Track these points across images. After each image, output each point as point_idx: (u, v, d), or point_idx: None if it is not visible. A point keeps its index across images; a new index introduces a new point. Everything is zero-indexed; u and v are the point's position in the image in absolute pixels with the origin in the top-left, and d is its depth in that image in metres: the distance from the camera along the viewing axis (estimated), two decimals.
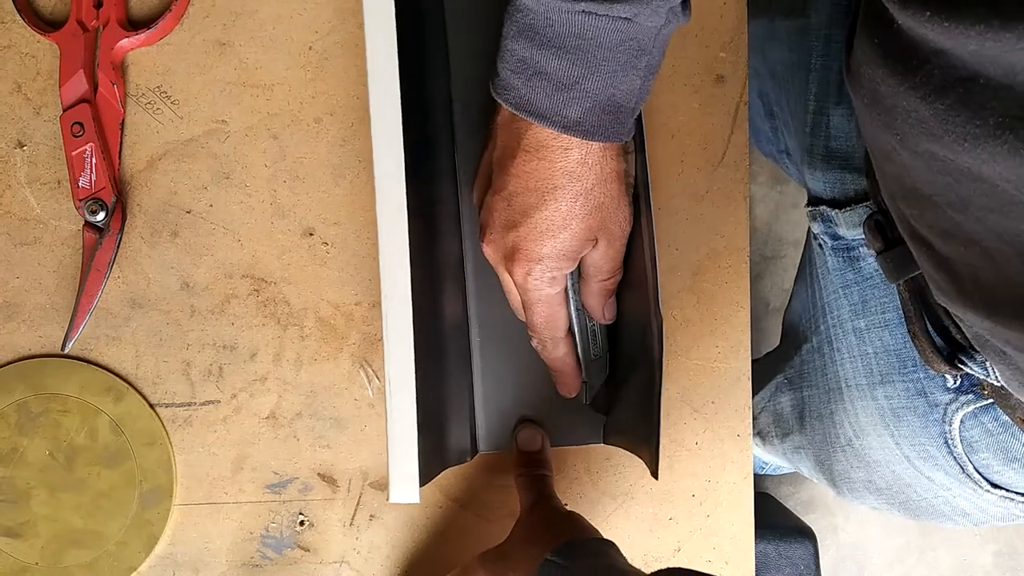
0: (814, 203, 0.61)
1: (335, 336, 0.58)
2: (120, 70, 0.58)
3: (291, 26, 0.58)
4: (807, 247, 0.68)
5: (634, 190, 0.51)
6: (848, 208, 0.56)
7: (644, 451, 0.52)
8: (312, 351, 0.58)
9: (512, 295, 0.53)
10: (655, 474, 0.50)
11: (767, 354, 0.79)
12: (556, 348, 0.53)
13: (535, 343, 0.54)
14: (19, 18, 0.57)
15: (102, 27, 0.57)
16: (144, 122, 0.58)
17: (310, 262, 0.58)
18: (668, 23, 0.45)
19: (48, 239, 0.58)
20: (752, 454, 0.60)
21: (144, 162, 0.58)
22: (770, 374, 0.76)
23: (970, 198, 0.36)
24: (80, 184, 0.57)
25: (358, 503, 0.59)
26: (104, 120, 0.57)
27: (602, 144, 0.47)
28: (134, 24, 0.58)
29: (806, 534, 0.99)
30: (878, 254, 0.52)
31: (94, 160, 0.57)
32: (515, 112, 0.46)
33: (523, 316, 0.53)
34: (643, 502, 0.60)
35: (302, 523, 0.59)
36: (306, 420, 0.58)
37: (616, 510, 0.60)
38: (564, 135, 0.46)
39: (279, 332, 0.58)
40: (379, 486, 0.59)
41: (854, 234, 0.57)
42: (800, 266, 0.72)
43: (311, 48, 0.58)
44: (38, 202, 0.58)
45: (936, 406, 0.54)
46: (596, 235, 0.49)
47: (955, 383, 0.53)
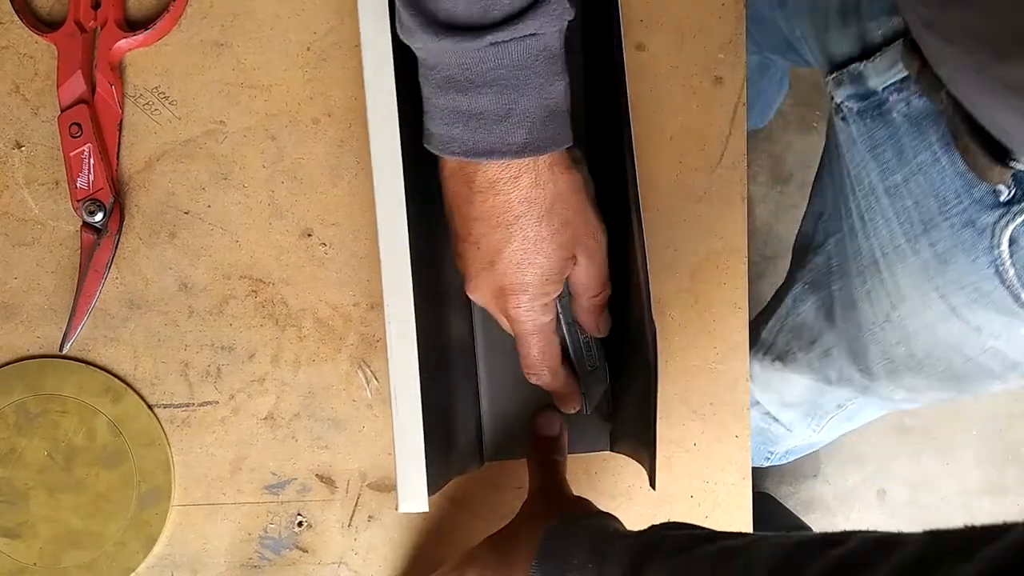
0: (840, 67, 0.61)
1: (333, 337, 0.58)
2: (118, 71, 0.58)
3: (289, 27, 0.58)
4: (828, 140, 0.69)
5: (624, 198, 0.51)
6: (878, 54, 0.57)
7: (644, 460, 0.52)
8: (310, 352, 0.58)
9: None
10: (652, 484, 0.49)
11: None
12: (555, 378, 0.54)
13: (533, 379, 0.54)
14: (17, 19, 0.57)
15: (100, 28, 0.57)
16: (142, 123, 0.58)
17: (308, 263, 0.58)
18: (565, 20, 0.46)
19: (46, 240, 0.58)
20: (749, 453, 0.60)
21: (142, 163, 0.58)
22: (780, 296, 0.76)
23: None
24: (78, 185, 0.57)
25: (356, 504, 0.59)
26: (102, 121, 0.57)
27: (549, 161, 0.48)
28: (132, 25, 0.58)
29: None
30: (918, 73, 0.52)
31: (92, 161, 0.57)
32: (464, 159, 0.47)
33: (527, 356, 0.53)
34: (642, 503, 0.60)
35: (300, 524, 0.59)
36: (304, 421, 0.58)
37: (615, 511, 0.60)
38: (512, 163, 0.47)
39: (277, 333, 0.58)
40: (377, 487, 0.59)
41: (885, 80, 0.57)
42: (819, 169, 0.72)
43: (309, 49, 0.58)
44: (36, 203, 0.58)
45: (983, 231, 0.54)
46: (572, 251, 0.50)
47: (1008, 194, 0.53)
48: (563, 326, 0.54)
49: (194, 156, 0.58)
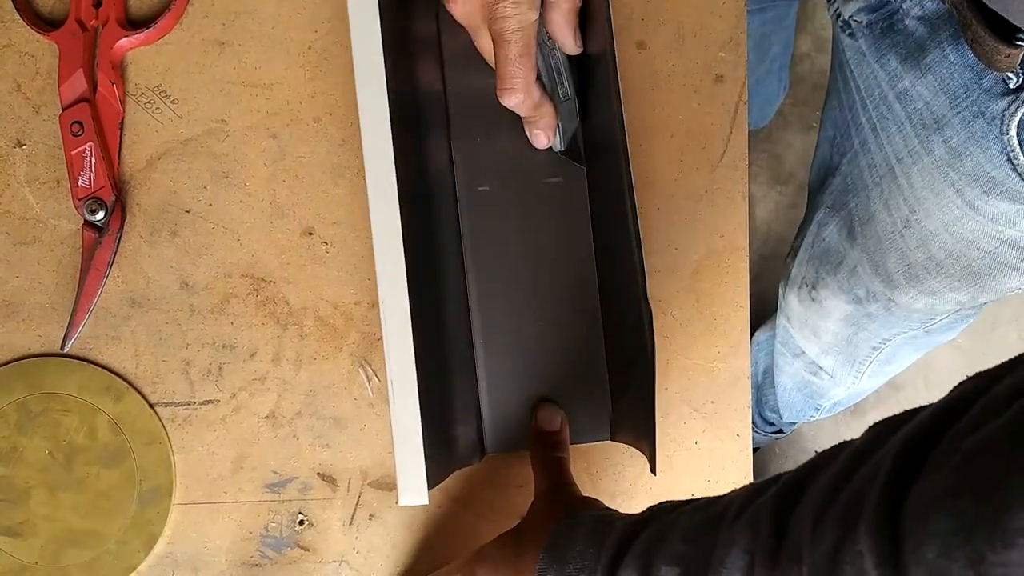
0: None
1: (334, 335, 0.58)
2: (119, 69, 0.58)
3: (290, 25, 0.58)
4: (833, 60, 0.70)
5: (619, 192, 0.51)
6: None
7: (644, 447, 0.52)
8: (311, 350, 0.58)
9: (491, 52, 0.53)
10: (653, 470, 0.50)
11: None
12: (529, 94, 0.52)
13: (508, 97, 0.52)
14: (18, 17, 0.57)
15: (101, 26, 0.57)
16: (143, 121, 0.58)
17: (309, 261, 0.58)
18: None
19: (47, 238, 0.58)
20: (750, 452, 0.60)
21: (143, 161, 0.58)
22: (803, 228, 0.77)
23: None
24: (79, 183, 0.57)
25: (357, 502, 0.59)
26: (103, 119, 0.57)
27: None
28: (133, 23, 0.58)
29: None
30: None
31: (93, 159, 0.57)
32: None
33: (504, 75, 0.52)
34: (643, 502, 0.60)
35: (301, 522, 0.59)
36: (305, 419, 0.58)
37: (616, 509, 0.60)
38: None
39: (278, 331, 0.58)
40: (379, 485, 0.59)
41: None
42: (828, 91, 0.72)
43: (310, 47, 0.58)
44: (37, 201, 0.58)
45: (993, 119, 0.55)
46: None
47: (1017, 81, 0.53)
48: (536, 49, 0.52)
49: (195, 155, 0.58)
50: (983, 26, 0.51)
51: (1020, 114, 0.53)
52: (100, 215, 0.57)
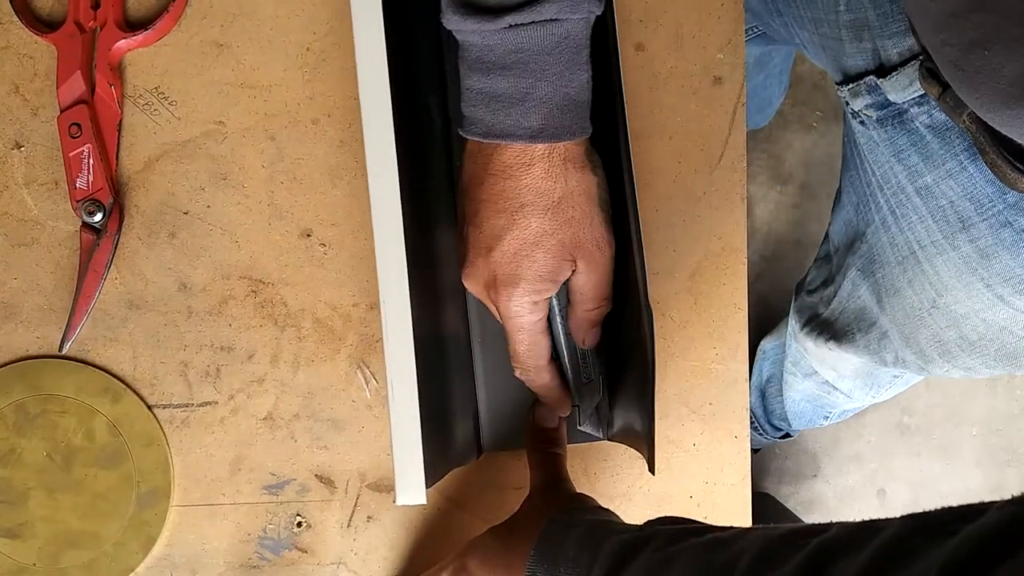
0: (855, 79, 0.61)
1: (333, 337, 0.58)
2: (117, 71, 0.58)
3: (289, 27, 0.58)
4: (845, 136, 0.69)
5: (619, 182, 0.51)
6: (895, 72, 0.57)
7: (642, 447, 0.52)
8: (310, 352, 0.58)
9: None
10: (652, 470, 0.50)
11: (811, 267, 0.82)
12: (540, 376, 0.54)
13: (519, 373, 0.54)
14: (16, 19, 0.57)
15: (99, 28, 0.57)
16: (141, 123, 0.58)
17: (308, 263, 0.58)
18: (590, 11, 0.46)
19: (45, 240, 0.58)
20: (748, 454, 0.60)
21: (141, 163, 0.58)
22: (835, 276, 0.77)
23: None
24: (77, 185, 0.57)
25: (355, 504, 0.59)
26: (101, 121, 0.57)
27: (564, 156, 0.48)
28: (131, 25, 0.58)
29: None
30: (938, 99, 0.53)
31: (91, 161, 0.57)
32: (482, 140, 0.48)
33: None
34: (641, 503, 0.60)
35: (299, 524, 0.59)
36: (304, 421, 0.58)
37: (614, 511, 0.60)
38: (528, 150, 0.47)
39: (277, 333, 0.58)
40: (377, 487, 0.59)
41: (904, 96, 0.57)
42: (843, 160, 0.72)
43: (309, 49, 0.58)
44: (35, 203, 0.58)
45: (1022, 231, 0.55)
46: (572, 254, 0.50)
47: None
48: (561, 333, 0.54)
49: (194, 156, 0.58)
50: (1001, 156, 0.50)
51: None
52: (98, 217, 0.57)
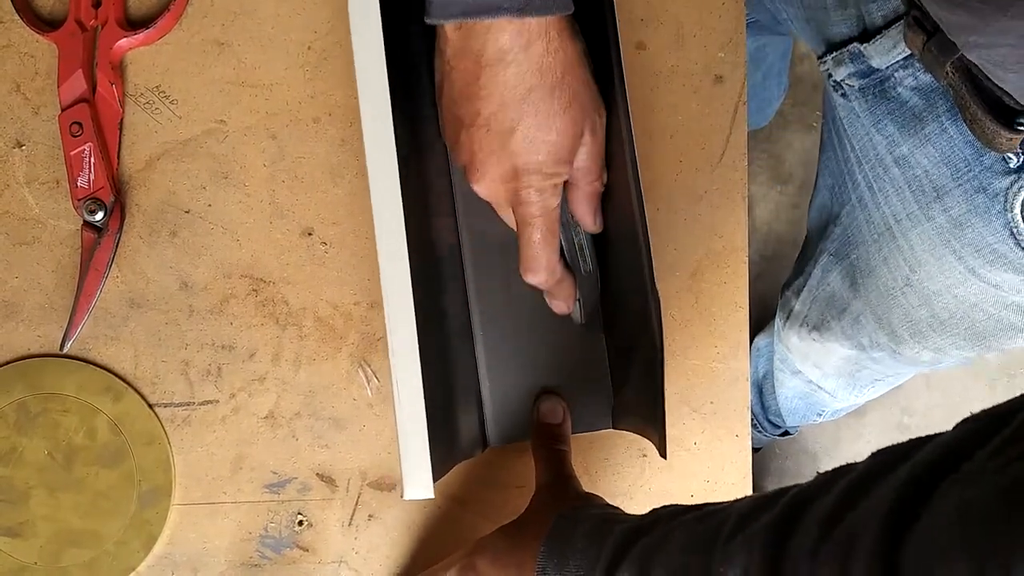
0: (839, 47, 0.61)
1: (334, 336, 0.58)
2: (119, 70, 0.58)
3: (290, 26, 0.58)
4: (826, 114, 0.69)
5: (624, 181, 0.51)
6: (879, 35, 0.57)
7: (651, 432, 0.52)
8: (311, 351, 0.58)
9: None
10: (663, 454, 0.50)
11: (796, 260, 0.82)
12: (553, 274, 0.52)
13: (531, 276, 0.52)
14: (18, 17, 0.57)
15: (101, 27, 0.57)
16: (143, 122, 0.58)
17: (309, 262, 0.58)
18: None
19: (47, 239, 0.58)
20: (749, 453, 0.60)
21: (143, 162, 0.58)
22: (808, 264, 0.77)
23: None
24: (79, 184, 0.57)
25: (357, 503, 0.59)
26: (103, 120, 0.57)
27: (558, 27, 0.46)
28: (133, 24, 0.58)
29: None
30: (921, 50, 0.53)
31: (92, 160, 0.57)
32: (467, 21, 0.45)
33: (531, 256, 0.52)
34: (642, 502, 0.60)
35: (301, 523, 0.59)
36: (305, 420, 0.58)
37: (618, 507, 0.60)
38: (523, 29, 0.45)
39: (278, 332, 0.58)
40: (378, 486, 0.59)
41: (888, 60, 0.57)
42: (821, 143, 0.72)
43: (310, 48, 0.58)
44: (36, 202, 0.58)
45: (996, 196, 0.54)
46: (582, 127, 0.49)
47: (1018, 161, 0.53)
48: (559, 228, 0.53)
49: (195, 155, 0.58)
50: (982, 109, 0.50)
51: (1023, 195, 0.53)
52: (99, 215, 0.57)
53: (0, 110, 0.58)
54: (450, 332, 0.56)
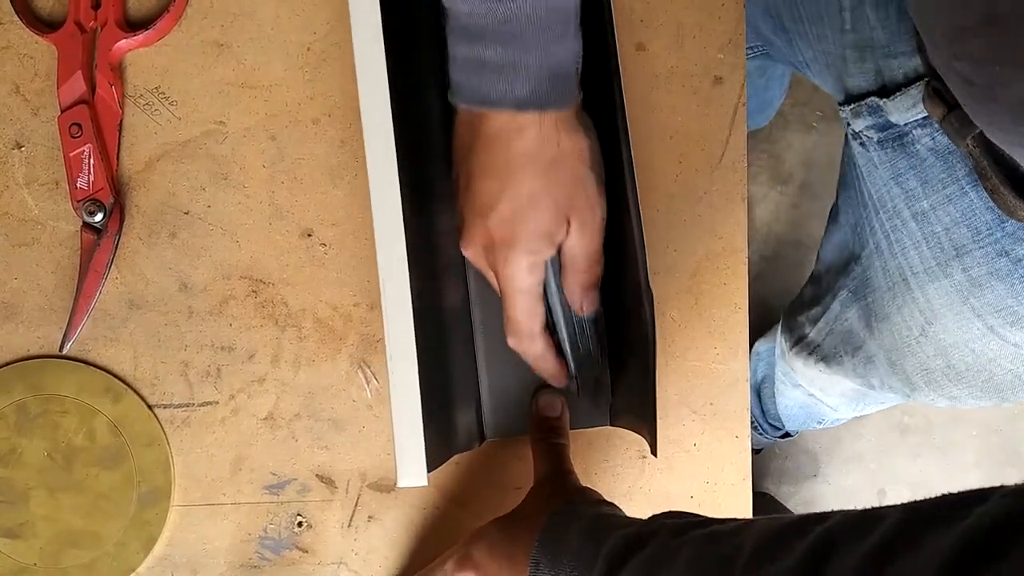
0: (857, 99, 0.61)
1: (333, 337, 0.58)
2: (118, 71, 0.58)
3: (289, 27, 0.58)
4: (845, 155, 0.69)
5: (620, 165, 0.51)
6: (899, 93, 0.57)
7: (646, 430, 0.52)
8: (310, 352, 0.58)
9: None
10: (654, 452, 0.50)
11: (804, 288, 0.82)
12: (533, 344, 0.53)
13: (513, 342, 0.54)
14: (17, 19, 0.57)
15: (100, 28, 0.57)
16: (142, 123, 0.58)
17: (308, 263, 0.58)
18: None
19: (46, 240, 0.58)
20: (749, 454, 0.60)
21: (142, 163, 0.58)
22: (827, 296, 0.77)
23: None
24: (78, 185, 0.57)
25: (356, 504, 0.59)
26: (102, 121, 0.57)
27: (555, 120, 0.49)
28: (132, 25, 0.58)
29: None
30: (941, 120, 0.53)
31: (92, 161, 0.57)
32: (471, 107, 0.49)
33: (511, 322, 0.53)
34: (641, 503, 0.60)
35: (300, 524, 0.59)
36: (304, 421, 0.58)
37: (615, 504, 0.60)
38: (518, 116, 0.48)
39: (277, 333, 0.58)
40: (378, 487, 0.59)
41: (907, 117, 0.57)
42: (841, 179, 0.72)
43: (309, 49, 0.58)
44: (36, 203, 0.58)
45: (1019, 261, 0.55)
46: (567, 214, 0.50)
47: None
48: (557, 304, 0.53)
49: (194, 156, 0.58)
50: (1004, 184, 0.50)
51: None
52: (99, 217, 0.57)
53: (0, 111, 0.58)
54: (448, 323, 0.56)
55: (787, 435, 1.20)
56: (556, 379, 0.56)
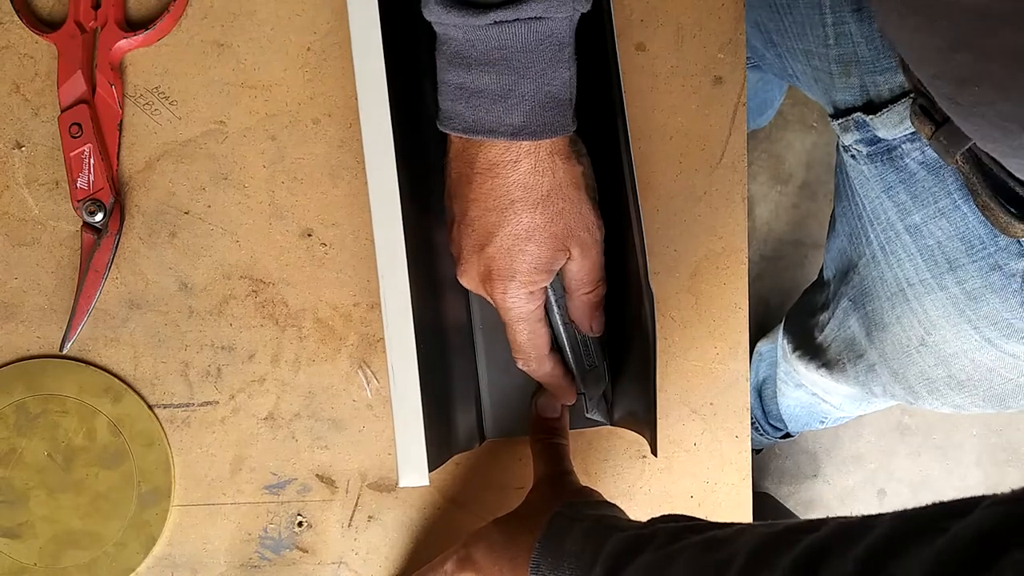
0: (844, 114, 0.61)
1: (333, 337, 0.58)
2: (118, 71, 0.58)
3: (289, 27, 0.58)
4: (838, 167, 0.69)
5: (620, 166, 0.51)
6: (885, 109, 0.57)
7: (646, 430, 0.52)
8: (310, 352, 0.58)
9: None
10: (655, 452, 0.50)
11: (805, 291, 0.81)
12: (542, 366, 0.54)
13: (521, 364, 0.54)
14: (17, 19, 0.57)
15: (100, 28, 0.57)
16: (142, 123, 0.58)
17: (308, 263, 0.58)
18: (575, 10, 0.46)
19: (46, 240, 0.58)
20: (749, 454, 0.60)
21: (142, 163, 0.58)
22: (832, 304, 0.77)
23: None
24: (78, 185, 0.57)
25: (356, 504, 0.59)
26: (102, 121, 0.57)
27: (550, 150, 0.48)
28: (132, 25, 0.58)
29: None
30: (930, 138, 0.53)
31: (92, 161, 0.57)
32: (464, 136, 0.48)
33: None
34: (641, 503, 0.60)
35: (300, 524, 0.59)
36: (304, 421, 0.58)
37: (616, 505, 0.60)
38: (513, 147, 0.48)
39: (277, 333, 0.58)
40: (378, 487, 0.59)
41: (895, 133, 0.57)
42: (836, 189, 0.72)
43: (309, 49, 0.58)
44: (36, 203, 0.58)
45: (1012, 275, 0.54)
46: (565, 243, 0.50)
47: None
48: (560, 323, 0.54)
49: (194, 156, 0.58)
50: (994, 200, 0.50)
51: None
52: (99, 216, 0.57)
53: (0, 111, 0.58)
54: (448, 323, 0.56)
55: (788, 435, 1.20)
56: (567, 398, 0.56)
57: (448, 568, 0.53)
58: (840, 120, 0.61)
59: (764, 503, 1.28)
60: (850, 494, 1.38)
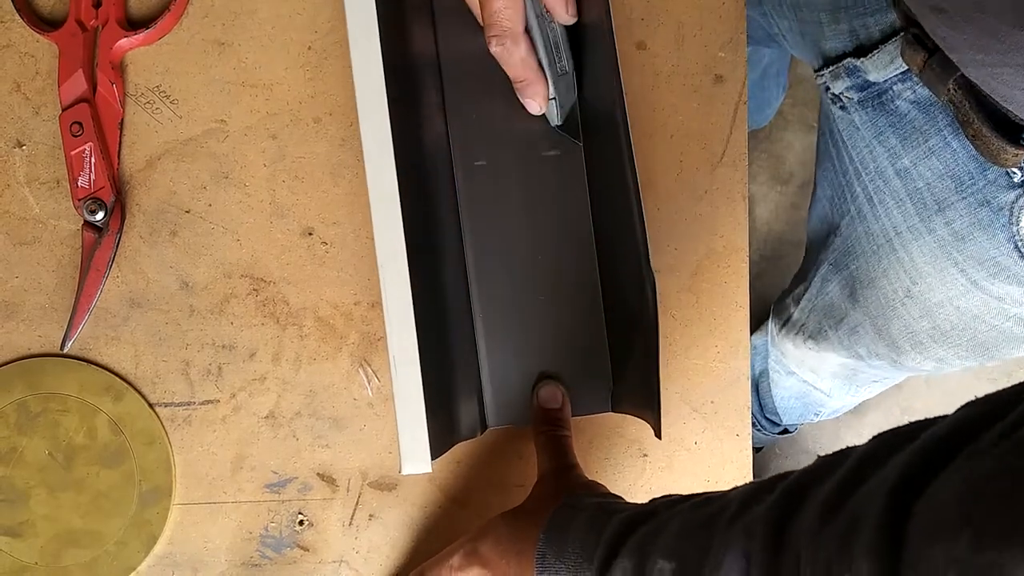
0: (834, 62, 0.61)
1: (334, 336, 0.58)
2: (119, 70, 0.58)
3: (290, 26, 0.58)
4: (822, 127, 0.69)
5: (619, 162, 0.51)
6: (876, 50, 0.57)
7: (648, 414, 0.52)
8: (311, 351, 0.58)
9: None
10: (658, 434, 0.50)
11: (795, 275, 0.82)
12: (516, 45, 0.52)
13: (494, 45, 0.52)
14: (18, 17, 0.57)
15: (101, 27, 0.57)
16: (143, 122, 0.58)
17: (309, 262, 0.58)
18: None
19: (47, 238, 0.58)
20: (750, 452, 0.60)
21: (143, 162, 0.58)
22: (807, 274, 0.77)
23: None
24: (79, 184, 0.57)
25: (357, 503, 0.59)
26: (103, 120, 0.57)
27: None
28: (133, 24, 0.58)
29: None
30: (921, 69, 0.53)
31: (93, 160, 0.57)
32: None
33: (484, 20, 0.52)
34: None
35: (301, 523, 0.59)
36: (305, 420, 0.58)
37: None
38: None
39: (278, 332, 0.58)
40: (379, 486, 0.59)
41: (885, 74, 0.57)
42: (817, 154, 0.72)
43: (310, 48, 0.58)
44: (37, 202, 0.58)
45: (1001, 209, 0.54)
46: None
47: (1022, 175, 0.53)
48: (534, 16, 0.53)
49: (195, 155, 0.58)
50: (987, 126, 0.50)
51: None
52: (100, 215, 0.57)
53: (0, 110, 0.58)
54: (449, 312, 0.56)
55: (786, 431, 1.20)
56: (538, 93, 0.55)
57: (455, 562, 0.53)
58: (830, 68, 0.61)
59: None
60: None
